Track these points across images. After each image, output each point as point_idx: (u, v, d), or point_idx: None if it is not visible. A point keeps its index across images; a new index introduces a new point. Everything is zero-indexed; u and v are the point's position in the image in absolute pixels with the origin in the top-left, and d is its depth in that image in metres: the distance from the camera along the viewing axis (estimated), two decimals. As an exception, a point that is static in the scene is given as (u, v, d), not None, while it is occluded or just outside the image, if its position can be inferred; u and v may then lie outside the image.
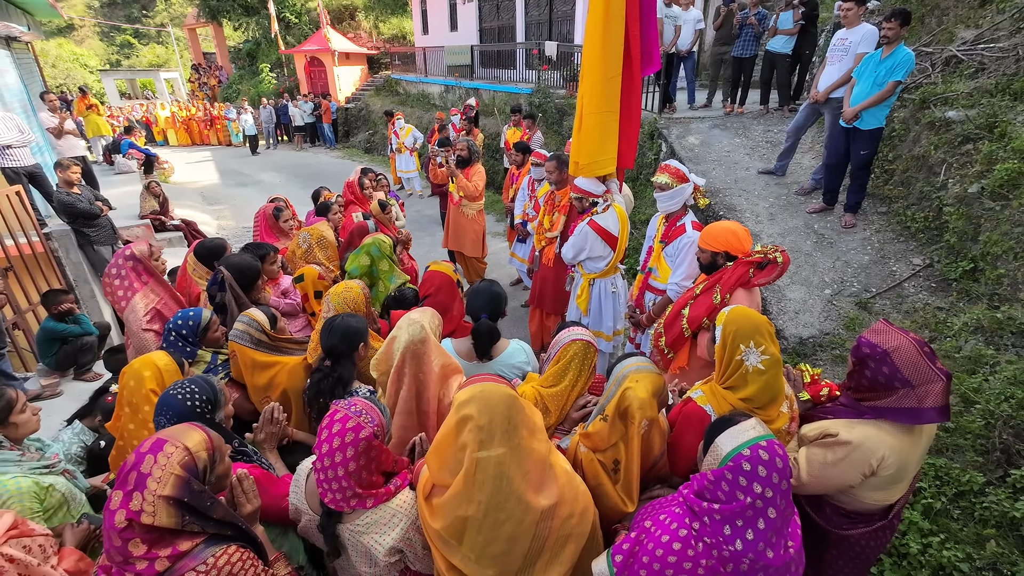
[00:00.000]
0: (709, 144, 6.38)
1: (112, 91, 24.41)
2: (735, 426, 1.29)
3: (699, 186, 3.00)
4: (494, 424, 1.30)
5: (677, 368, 2.36)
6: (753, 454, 1.21)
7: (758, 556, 1.19)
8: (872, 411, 1.58)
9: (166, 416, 1.62)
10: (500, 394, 1.34)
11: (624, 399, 1.56)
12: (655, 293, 3.13)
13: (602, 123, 3.26)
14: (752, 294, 2.27)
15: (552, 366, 1.91)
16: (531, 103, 9.89)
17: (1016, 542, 2.37)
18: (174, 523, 1.21)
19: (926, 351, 1.52)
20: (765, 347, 1.63)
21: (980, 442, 2.73)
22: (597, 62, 3.15)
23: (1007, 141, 3.93)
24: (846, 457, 1.57)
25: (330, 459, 1.38)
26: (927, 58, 5.30)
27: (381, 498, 1.45)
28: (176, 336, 2.33)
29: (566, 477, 1.43)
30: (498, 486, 1.28)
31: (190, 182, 12.39)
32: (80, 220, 5.37)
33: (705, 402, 1.70)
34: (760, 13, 6.48)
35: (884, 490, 1.61)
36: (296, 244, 3.41)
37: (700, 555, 1.22)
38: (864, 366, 1.60)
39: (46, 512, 1.87)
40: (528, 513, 1.31)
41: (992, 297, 3.50)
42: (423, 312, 2.01)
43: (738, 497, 1.20)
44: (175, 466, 1.23)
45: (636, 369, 1.60)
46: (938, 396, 1.48)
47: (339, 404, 1.48)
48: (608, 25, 3.05)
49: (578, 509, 1.40)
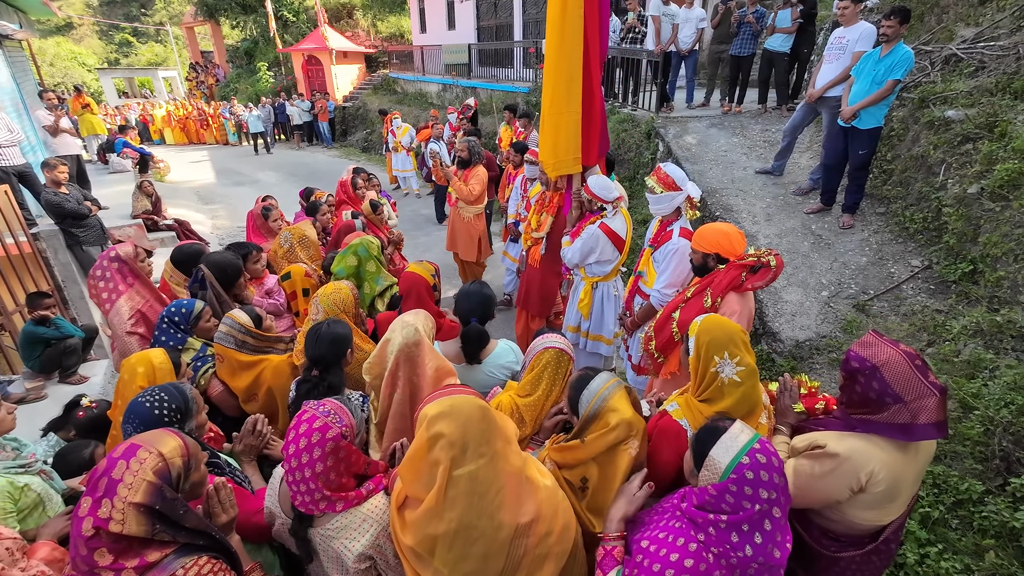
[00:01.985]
0: (706, 143, 6.32)
1: (110, 90, 24.34)
2: (724, 435, 1.27)
3: (692, 198, 2.90)
4: (467, 440, 1.24)
5: (668, 373, 2.30)
6: (752, 461, 1.20)
7: (767, 558, 1.17)
8: (863, 425, 1.51)
9: (132, 424, 1.58)
10: (472, 408, 1.28)
11: (607, 423, 1.50)
12: (643, 297, 3.08)
13: (564, 124, 3.27)
14: (745, 298, 2.21)
15: (527, 374, 1.87)
16: (528, 102, 9.83)
17: (1016, 553, 2.30)
18: (144, 531, 1.16)
19: (918, 364, 1.45)
20: (740, 358, 1.57)
21: (979, 449, 2.67)
22: (555, 63, 3.16)
23: (1007, 141, 3.86)
24: (834, 470, 1.50)
25: (297, 460, 1.36)
26: (926, 56, 5.24)
27: (351, 502, 1.42)
28: (168, 323, 2.38)
29: (546, 492, 1.37)
30: (470, 503, 1.23)
31: (186, 181, 12.33)
32: (68, 220, 5.31)
33: (680, 416, 1.64)
34: (758, 11, 6.42)
35: (876, 509, 1.53)
36: (278, 244, 3.36)
37: (712, 567, 1.18)
38: (854, 381, 1.53)
39: (20, 512, 1.84)
40: (501, 531, 1.25)
41: (992, 300, 3.44)
42: (416, 314, 1.97)
43: (745, 507, 1.19)
44: (148, 472, 1.19)
45: (610, 390, 1.54)
46: (932, 412, 1.40)
47: (308, 404, 1.46)
48: (565, 26, 3.05)
49: (557, 527, 1.34)
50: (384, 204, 4.42)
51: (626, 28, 7.80)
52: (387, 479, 1.54)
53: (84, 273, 5.57)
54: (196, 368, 2.35)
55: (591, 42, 3.15)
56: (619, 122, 7.31)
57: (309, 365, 2.02)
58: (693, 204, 2.92)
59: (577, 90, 3.20)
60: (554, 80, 3.21)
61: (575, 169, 3.43)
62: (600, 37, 3.24)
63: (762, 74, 6.64)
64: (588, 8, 3.07)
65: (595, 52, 3.20)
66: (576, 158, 3.38)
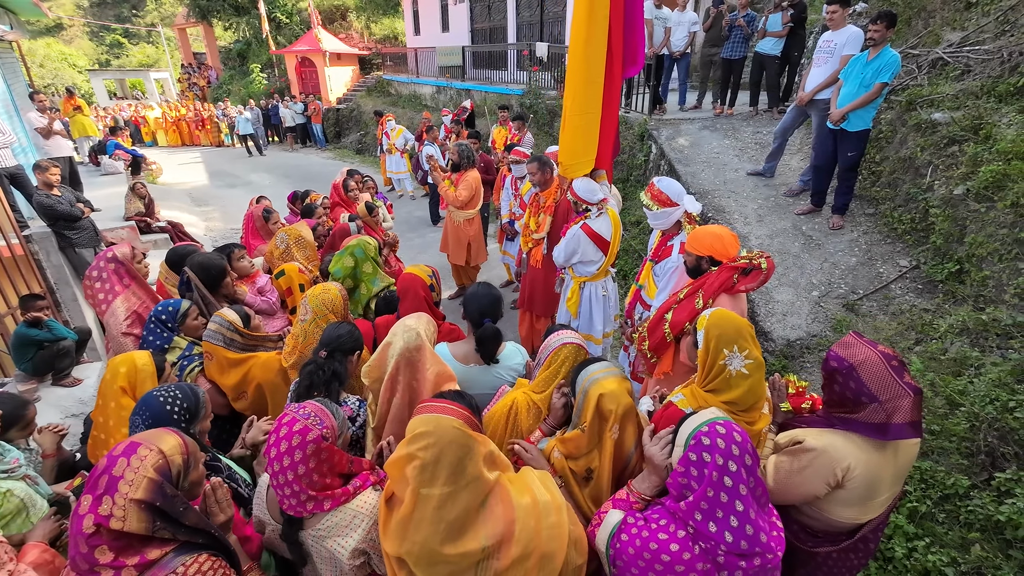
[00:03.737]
0: (699, 145, 6.38)
1: (101, 91, 24.12)
2: (696, 414, 1.34)
3: (690, 212, 2.85)
4: (438, 467, 1.25)
5: (661, 373, 2.33)
6: (711, 429, 1.25)
7: (752, 542, 1.19)
8: (842, 423, 1.55)
9: (142, 416, 1.61)
10: (451, 434, 1.28)
11: (594, 398, 1.54)
12: (645, 308, 3.10)
13: (585, 124, 3.26)
14: (737, 300, 2.24)
15: (543, 371, 1.87)
16: (522, 104, 9.87)
17: (1000, 545, 2.36)
18: (144, 528, 1.17)
19: (893, 365, 1.48)
20: (748, 351, 1.62)
21: (965, 445, 2.73)
22: (580, 64, 3.14)
23: (992, 143, 3.94)
24: (810, 464, 1.53)
25: (279, 463, 1.38)
26: (913, 60, 5.33)
27: (339, 499, 1.44)
28: (156, 323, 2.40)
29: (522, 512, 1.29)
30: (434, 530, 1.24)
31: (179, 183, 12.25)
32: (61, 222, 5.28)
33: (686, 406, 1.67)
34: (749, 15, 6.50)
35: (855, 507, 1.56)
36: (274, 244, 3.37)
37: (696, 558, 1.21)
38: (833, 380, 1.58)
39: (2, 518, 1.82)
40: (465, 558, 1.25)
41: (977, 299, 3.51)
42: (418, 318, 1.95)
43: (704, 474, 1.21)
44: (149, 469, 1.20)
45: (604, 375, 1.59)
46: (907, 412, 1.44)
47: (289, 408, 1.48)
48: (591, 27, 3.03)
49: (537, 552, 1.27)
50: (380, 206, 4.45)
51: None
52: (374, 476, 1.56)
53: (77, 275, 5.53)
54: (182, 367, 2.36)
55: (615, 44, 3.13)
56: (612, 124, 7.36)
57: (318, 348, 2.04)
58: (692, 219, 2.87)
59: (597, 92, 3.18)
60: (575, 81, 3.18)
61: (587, 170, 3.39)
62: (626, 38, 3.20)
63: (753, 77, 6.71)
64: (614, 8, 3.03)
65: (618, 55, 3.18)
66: (589, 159, 3.36)
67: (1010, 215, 3.58)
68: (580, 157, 3.34)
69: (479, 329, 2.14)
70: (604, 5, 3.00)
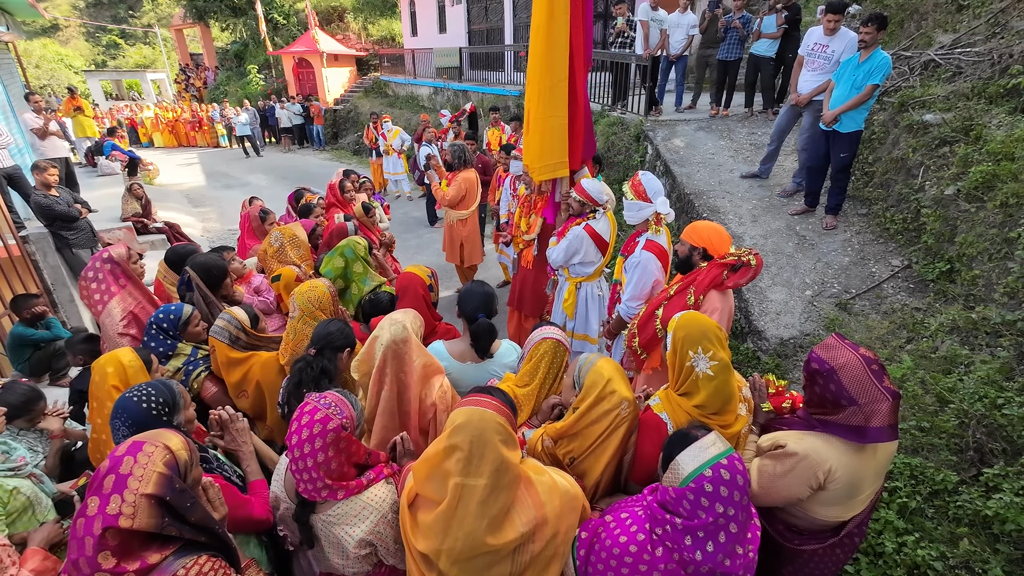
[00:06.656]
0: (694, 146, 6.42)
1: (97, 92, 24.08)
2: (695, 443, 1.29)
3: (659, 213, 2.88)
4: (484, 458, 1.28)
5: (650, 369, 2.36)
6: (715, 475, 1.22)
7: (716, 566, 1.21)
8: (822, 425, 1.56)
9: (121, 419, 1.59)
10: (493, 425, 1.30)
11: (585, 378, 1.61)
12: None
13: (549, 128, 3.27)
14: (726, 296, 2.27)
15: (525, 364, 1.93)
16: (519, 105, 9.90)
17: (988, 540, 2.39)
18: (153, 525, 1.16)
19: (873, 369, 1.49)
20: (713, 352, 1.62)
21: (954, 441, 2.76)
22: (544, 67, 3.16)
23: (982, 144, 3.99)
24: (793, 468, 1.55)
25: (299, 450, 1.43)
26: (905, 62, 5.38)
27: (352, 490, 1.48)
28: (157, 330, 2.38)
29: (544, 488, 1.37)
30: (478, 525, 1.26)
31: (175, 184, 12.24)
32: (58, 223, 5.28)
33: (661, 410, 1.69)
34: (744, 17, 6.55)
35: (837, 506, 1.58)
36: (268, 243, 3.38)
37: (659, 559, 1.23)
38: (814, 381, 1.58)
39: (9, 516, 1.84)
40: (507, 546, 1.29)
41: (967, 298, 3.55)
42: (405, 312, 2.01)
43: (700, 516, 1.22)
44: (158, 463, 1.20)
45: (598, 358, 1.66)
46: (885, 416, 1.45)
47: (311, 396, 1.52)
48: (552, 30, 3.06)
49: (563, 527, 1.37)
50: (376, 207, 4.46)
51: (615, 32, 7.91)
52: (388, 470, 1.60)
53: (74, 276, 5.53)
54: (188, 372, 2.37)
55: (576, 46, 3.17)
56: (608, 125, 7.40)
57: (309, 345, 2.06)
58: (659, 220, 2.89)
59: (563, 94, 3.21)
60: (539, 84, 3.22)
61: (561, 173, 3.44)
62: (585, 41, 3.26)
63: (748, 78, 6.76)
64: (573, 12, 3.08)
65: (580, 56, 3.22)
66: (562, 162, 3.39)
67: (999, 215, 3.62)
68: (548, 159, 3.36)
69: (473, 324, 2.18)
70: (564, 7, 3.03)
